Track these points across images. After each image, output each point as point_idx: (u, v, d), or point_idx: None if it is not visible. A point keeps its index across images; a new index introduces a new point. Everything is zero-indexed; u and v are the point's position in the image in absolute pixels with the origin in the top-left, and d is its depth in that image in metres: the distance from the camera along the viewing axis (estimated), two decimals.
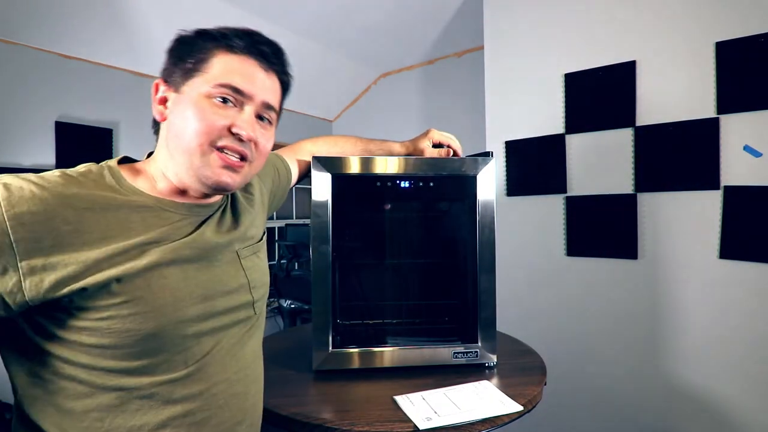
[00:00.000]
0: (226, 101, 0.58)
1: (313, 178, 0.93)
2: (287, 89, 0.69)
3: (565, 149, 1.79)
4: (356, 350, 0.95)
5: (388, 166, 0.96)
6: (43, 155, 2.25)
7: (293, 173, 0.97)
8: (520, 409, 0.77)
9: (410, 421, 0.73)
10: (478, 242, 0.97)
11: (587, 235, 1.75)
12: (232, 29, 0.61)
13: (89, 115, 2.44)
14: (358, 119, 3.87)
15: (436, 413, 0.75)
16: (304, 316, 2.90)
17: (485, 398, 0.81)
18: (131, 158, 0.65)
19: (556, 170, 1.81)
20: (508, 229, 1.93)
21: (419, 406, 0.78)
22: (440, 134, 1.06)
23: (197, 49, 0.60)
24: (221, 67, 0.59)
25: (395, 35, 2.92)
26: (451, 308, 1.09)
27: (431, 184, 1.01)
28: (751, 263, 1.40)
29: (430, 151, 1.05)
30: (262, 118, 0.63)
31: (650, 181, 1.60)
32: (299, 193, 3.99)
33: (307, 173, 1.00)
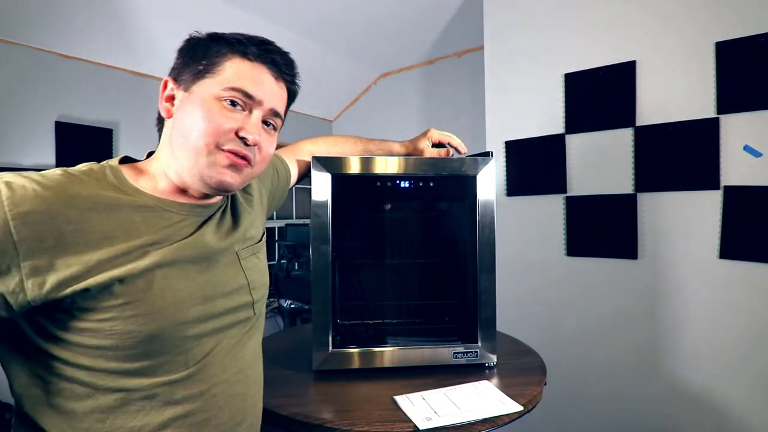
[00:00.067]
0: (234, 104, 0.59)
1: (313, 178, 0.93)
2: (293, 98, 0.70)
3: (565, 149, 1.79)
4: (356, 350, 0.95)
5: (388, 166, 0.96)
6: (43, 155, 2.25)
7: (293, 174, 0.97)
8: (520, 409, 0.77)
9: (410, 421, 0.73)
10: (478, 242, 0.97)
11: (587, 235, 1.75)
12: (246, 36, 0.62)
13: (89, 115, 2.44)
14: (358, 119, 3.87)
15: (436, 413, 0.75)
16: (304, 316, 2.90)
17: (485, 398, 0.81)
18: (132, 158, 0.65)
19: (556, 170, 1.81)
20: (508, 229, 1.93)
21: (419, 406, 0.78)
22: (440, 133, 1.06)
23: (211, 51, 0.60)
24: (233, 71, 0.60)
25: (395, 35, 2.92)
26: (451, 308, 1.09)
27: (431, 184, 1.01)
28: (751, 263, 1.40)
29: (429, 150, 1.05)
30: (267, 123, 0.64)
31: (650, 181, 1.60)
32: (299, 193, 3.99)
33: (306, 173, 1.00)
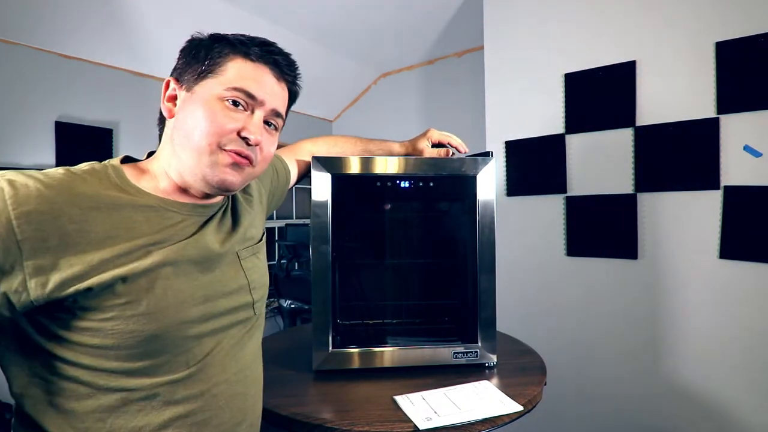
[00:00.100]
0: (237, 104, 0.60)
1: (313, 178, 0.93)
2: (294, 99, 0.71)
3: (565, 149, 1.79)
4: (356, 350, 0.95)
5: (388, 166, 0.96)
6: (43, 155, 2.25)
7: (292, 174, 0.97)
8: (520, 409, 0.77)
9: (410, 421, 0.73)
10: (478, 242, 0.97)
11: (587, 235, 1.75)
12: (248, 37, 0.63)
13: (89, 115, 2.44)
14: (358, 119, 3.87)
15: (436, 413, 0.75)
16: (304, 316, 2.90)
17: (485, 398, 0.81)
18: (133, 158, 0.65)
19: (556, 170, 1.81)
20: (508, 229, 1.93)
21: (419, 406, 0.78)
22: (440, 134, 1.06)
23: (213, 52, 0.61)
24: (236, 71, 0.60)
25: (395, 35, 2.92)
26: (451, 308, 1.09)
27: (431, 184, 1.01)
28: (751, 263, 1.40)
29: (429, 151, 1.05)
30: (268, 123, 0.64)
31: (650, 181, 1.60)
32: (299, 193, 3.99)
33: (306, 173, 1.00)
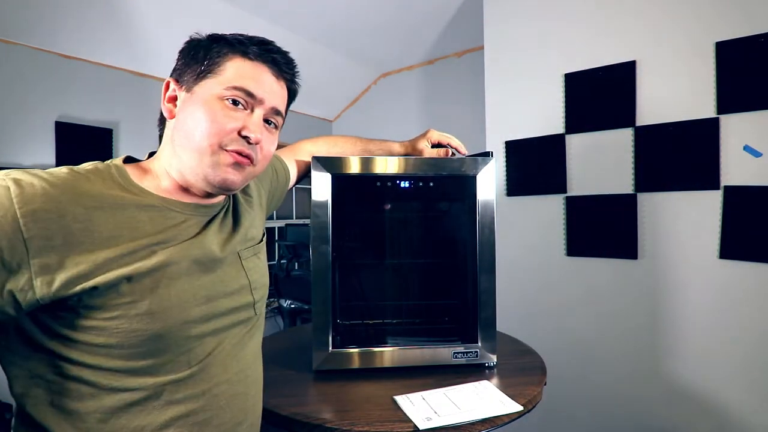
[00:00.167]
0: (236, 103, 0.60)
1: (313, 178, 0.93)
2: (294, 97, 0.71)
3: (565, 149, 1.79)
4: (356, 350, 0.95)
5: (388, 166, 0.96)
6: (43, 155, 2.25)
7: (292, 174, 0.97)
8: (520, 409, 0.77)
9: (410, 421, 0.73)
10: (478, 242, 0.97)
11: (587, 235, 1.75)
12: (246, 36, 0.63)
13: (89, 115, 2.44)
14: (358, 119, 3.87)
15: (436, 413, 0.75)
16: (304, 316, 2.90)
17: (485, 398, 0.81)
18: (134, 158, 0.65)
19: (556, 170, 1.81)
20: (508, 229, 1.93)
21: (419, 406, 0.78)
22: (439, 134, 1.06)
23: (212, 52, 0.61)
24: (235, 71, 0.60)
25: (395, 35, 2.92)
26: (451, 308, 1.09)
27: (431, 184, 1.01)
28: (751, 263, 1.40)
29: (429, 151, 1.05)
30: (268, 122, 0.65)
31: (650, 181, 1.60)
32: (299, 193, 3.99)
33: (306, 173, 1.00)
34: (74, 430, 0.52)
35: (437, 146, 1.06)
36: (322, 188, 0.93)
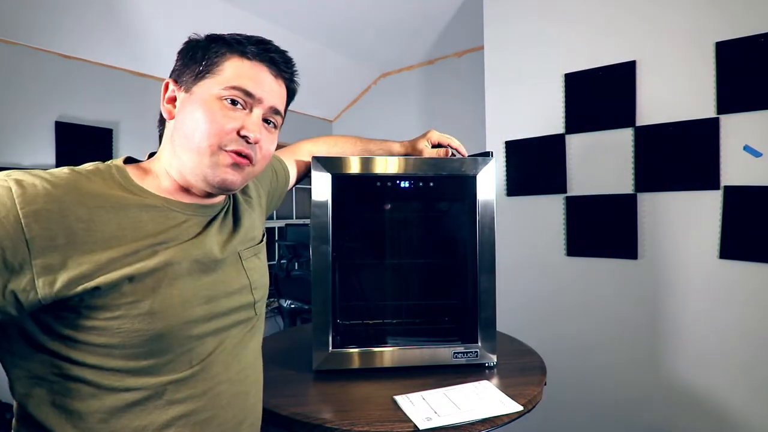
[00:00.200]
0: (235, 103, 0.60)
1: (313, 178, 0.93)
2: (293, 96, 0.71)
3: (565, 149, 1.79)
4: (356, 350, 0.95)
5: (388, 166, 0.96)
6: (43, 155, 2.25)
7: (292, 175, 0.97)
8: (520, 409, 0.77)
9: (410, 421, 0.73)
10: (478, 242, 0.97)
11: (587, 235, 1.75)
12: (245, 36, 0.63)
13: (89, 115, 2.44)
14: (358, 119, 3.87)
15: (436, 413, 0.75)
16: (304, 316, 2.90)
17: (485, 398, 0.81)
18: (135, 159, 0.65)
19: (556, 170, 1.81)
20: (508, 229, 1.93)
21: (419, 406, 0.78)
22: (440, 135, 1.06)
23: (210, 52, 0.61)
24: (233, 70, 0.60)
25: (395, 35, 2.92)
26: (451, 308, 1.09)
27: (431, 184, 1.01)
28: (751, 263, 1.40)
29: (429, 151, 1.05)
30: (268, 121, 0.65)
31: (650, 181, 1.60)
32: (299, 193, 3.99)
33: (306, 174, 1.00)
34: (75, 430, 0.52)
35: (437, 147, 1.06)
36: (322, 188, 0.93)
